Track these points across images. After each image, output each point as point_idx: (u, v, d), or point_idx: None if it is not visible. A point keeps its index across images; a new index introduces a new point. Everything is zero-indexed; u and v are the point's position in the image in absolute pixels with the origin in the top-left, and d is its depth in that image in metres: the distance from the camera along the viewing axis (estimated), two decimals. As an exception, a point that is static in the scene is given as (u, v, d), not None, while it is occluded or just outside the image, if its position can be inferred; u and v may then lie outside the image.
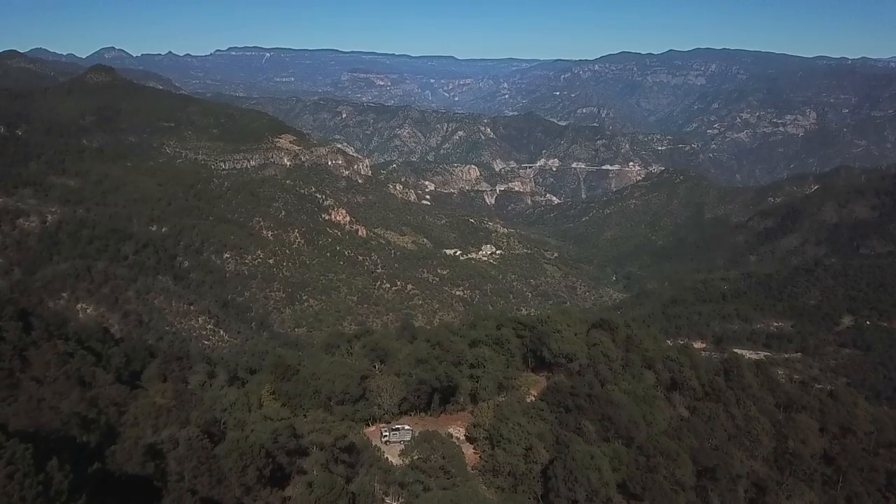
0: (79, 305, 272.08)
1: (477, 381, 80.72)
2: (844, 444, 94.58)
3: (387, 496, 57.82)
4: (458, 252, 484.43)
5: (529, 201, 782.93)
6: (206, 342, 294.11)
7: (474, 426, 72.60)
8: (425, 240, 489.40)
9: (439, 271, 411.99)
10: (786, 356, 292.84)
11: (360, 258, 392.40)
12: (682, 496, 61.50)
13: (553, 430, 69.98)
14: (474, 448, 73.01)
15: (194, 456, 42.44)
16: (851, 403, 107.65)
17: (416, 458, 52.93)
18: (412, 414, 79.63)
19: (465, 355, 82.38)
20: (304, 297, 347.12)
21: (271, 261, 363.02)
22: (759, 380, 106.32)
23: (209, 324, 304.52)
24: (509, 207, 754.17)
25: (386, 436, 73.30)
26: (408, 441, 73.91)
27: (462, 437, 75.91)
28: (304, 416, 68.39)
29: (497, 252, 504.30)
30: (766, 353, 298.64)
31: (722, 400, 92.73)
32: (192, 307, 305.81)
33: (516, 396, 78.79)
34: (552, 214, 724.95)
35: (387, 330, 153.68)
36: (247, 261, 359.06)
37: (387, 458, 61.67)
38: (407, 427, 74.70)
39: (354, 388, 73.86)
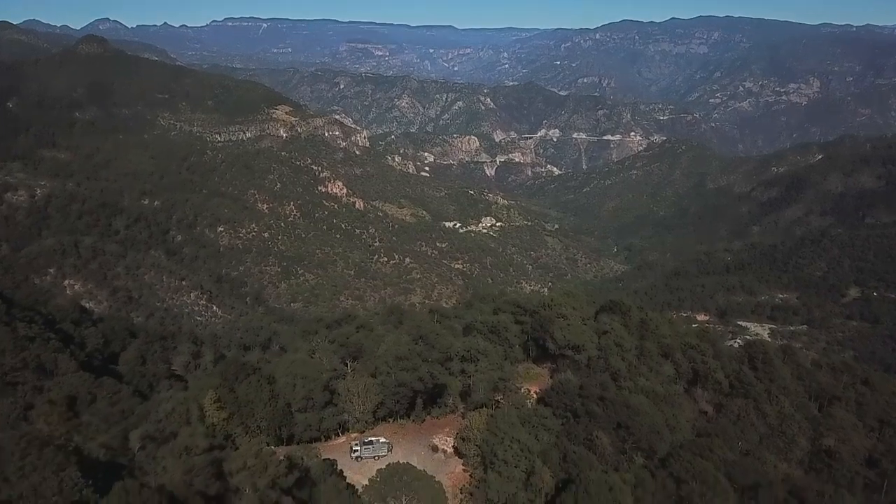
0: (66, 282, 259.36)
1: (469, 379, 67.43)
2: (890, 443, 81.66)
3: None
4: (458, 225, 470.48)
5: (530, 172, 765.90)
6: (199, 318, 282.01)
7: (463, 440, 59.35)
8: (424, 212, 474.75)
9: (438, 244, 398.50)
10: (791, 329, 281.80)
11: (358, 231, 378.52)
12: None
13: (559, 445, 56.77)
14: (463, 464, 59.95)
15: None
16: (890, 392, 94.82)
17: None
18: (391, 421, 66.65)
19: (455, 349, 68.88)
20: (299, 272, 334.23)
21: (266, 234, 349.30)
22: (788, 367, 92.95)
23: (202, 299, 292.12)
24: (509, 179, 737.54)
25: (356, 451, 60.32)
26: (384, 455, 60.99)
27: (450, 450, 62.83)
28: (247, 433, 55.50)
29: (497, 224, 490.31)
30: (771, 326, 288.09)
31: (751, 395, 79.68)
32: (184, 282, 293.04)
33: (515, 400, 65.37)
34: (553, 186, 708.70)
35: (372, 314, 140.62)
36: (241, 234, 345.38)
37: (350, 489, 48.67)
38: (382, 440, 61.65)
39: (319, 392, 60.73)
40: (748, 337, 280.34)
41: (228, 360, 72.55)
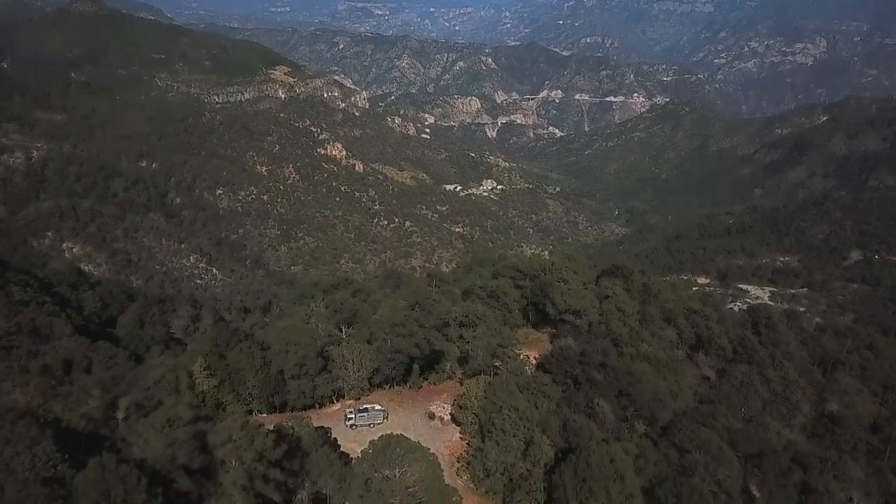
0: (64, 245, 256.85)
1: (467, 345, 65.42)
2: (894, 408, 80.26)
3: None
4: (458, 187, 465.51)
5: (531, 134, 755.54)
6: (199, 281, 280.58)
7: (460, 408, 57.58)
8: (424, 175, 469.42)
9: (438, 208, 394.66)
10: (792, 292, 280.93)
11: (357, 194, 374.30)
12: (726, 505, 47.05)
13: (559, 413, 54.94)
14: (461, 432, 58.31)
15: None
16: (895, 357, 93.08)
17: (372, 479, 38.35)
18: (386, 387, 64.81)
19: (453, 314, 66.70)
20: (299, 235, 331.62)
21: (265, 197, 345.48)
22: (792, 332, 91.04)
23: (202, 262, 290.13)
24: (511, 141, 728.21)
25: (351, 418, 58.62)
26: (379, 423, 59.30)
27: (447, 418, 61.17)
28: (238, 401, 53.78)
29: (498, 187, 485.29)
30: (771, 289, 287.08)
31: (755, 360, 77.75)
32: (183, 245, 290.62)
33: (513, 366, 63.38)
34: (554, 148, 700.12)
35: (369, 279, 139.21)
36: (240, 197, 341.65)
37: (343, 458, 47.01)
38: (378, 407, 59.91)
39: (313, 359, 58.69)
40: (748, 300, 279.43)
41: (219, 326, 70.52)
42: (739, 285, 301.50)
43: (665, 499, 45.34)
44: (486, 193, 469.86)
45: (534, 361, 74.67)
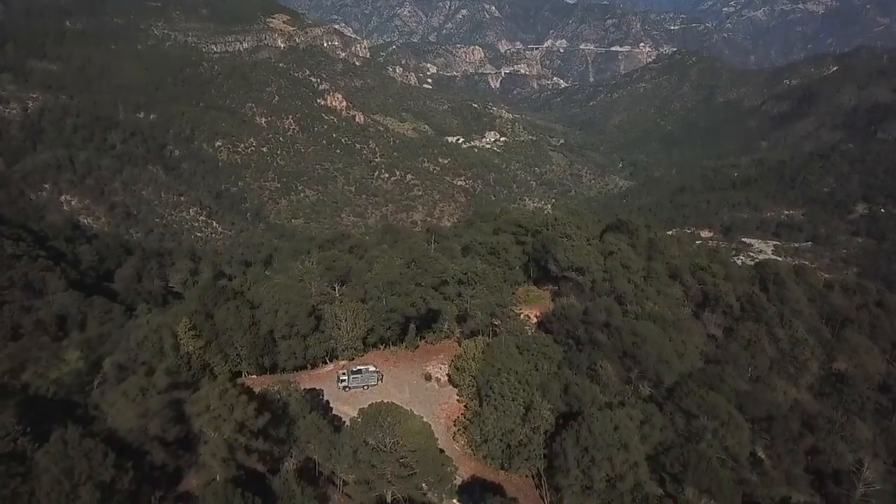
0: (62, 198, 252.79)
1: (466, 303, 62.47)
2: (904, 367, 77.72)
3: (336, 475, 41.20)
4: (461, 139, 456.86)
5: (535, 85, 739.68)
6: (199, 234, 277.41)
7: (458, 370, 54.91)
8: (426, 126, 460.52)
9: (440, 160, 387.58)
10: (796, 245, 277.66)
11: (358, 146, 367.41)
12: (734, 473, 44.62)
13: (561, 375, 52.23)
14: (458, 394, 55.83)
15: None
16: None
17: (361, 450, 35.76)
18: (381, 347, 62.06)
19: (452, 272, 63.49)
20: (299, 188, 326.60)
21: (265, 149, 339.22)
22: (801, 289, 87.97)
23: (201, 215, 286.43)
24: (514, 91, 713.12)
25: (344, 380, 56.06)
26: (373, 385, 56.81)
27: (444, 379, 58.63)
28: (226, 363, 51.14)
29: (501, 139, 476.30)
30: (775, 243, 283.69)
31: (763, 319, 74.85)
32: (182, 198, 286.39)
33: (513, 326, 60.46)
34: (559, 99, 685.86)
35: (366, 233, 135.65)
36: (240, 149, 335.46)
37: (333, 425, 44.49)
38: (372, 368, 57.29)
39: (304, 318, 55.73)
40: (752, 254, 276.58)
41: (205, 284, 67.62)
42: (743, 239, 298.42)
43: (671, 467, 42.95)
44: (488, 146, 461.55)
45: (535, 320, 71.90)
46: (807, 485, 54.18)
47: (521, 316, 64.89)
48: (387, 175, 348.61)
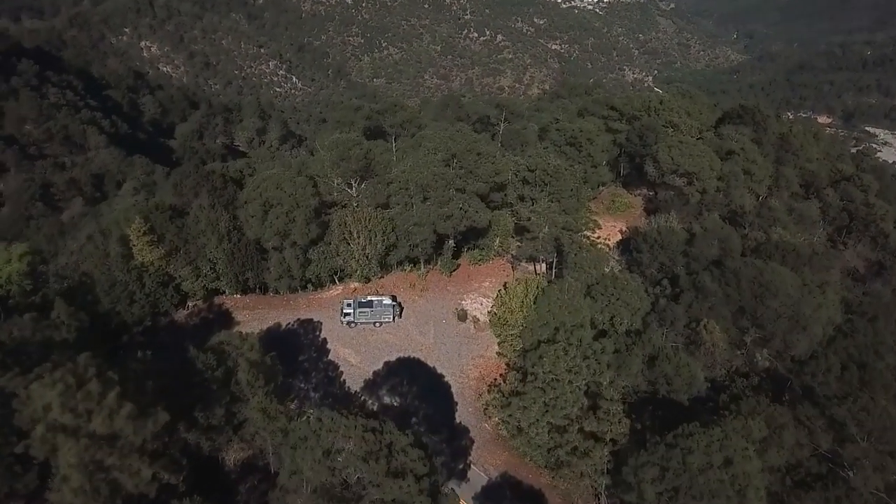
0: (142, 43, 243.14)
1: (528, 220, 45.54)
2: None
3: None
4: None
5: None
6: (278, 90, 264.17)
7: (498, 321, 39.47)
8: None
9: (536, 20, 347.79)
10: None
11: (447, 1, 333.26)
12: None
13: (644, 343, 35.71)
14: (500, 346, 40.79)
15: None
16: None
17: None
18: (406, 269, 46.90)
19: (512, 167, 46.14)
20: (383, 45, 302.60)
21: (350, 1, 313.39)
22: None
23: (281, 69, 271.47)
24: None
25: (348, 313, 41.85)
26: (388, 321, 42.36)
27: (483, 319, 43.50)
28: (198, 278, 37.96)
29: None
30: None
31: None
32: (262, 50, 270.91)
33: (585, 259, 43.19)
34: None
35: (423, 104, 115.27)
36: (323, 0, 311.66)
37: (290, 415, 30.87)
38: (387, 300, 42.53)
39: (303, 225, 40.85)
40: (874, 145, 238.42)
41: (181, 170, 53.71)
42: (866, 127, 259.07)
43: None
44: (590, 6, 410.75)
45: (619, 237, 54.31)
46: None
47: (599, 239, 47.37)
48: (476, 35, 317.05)
